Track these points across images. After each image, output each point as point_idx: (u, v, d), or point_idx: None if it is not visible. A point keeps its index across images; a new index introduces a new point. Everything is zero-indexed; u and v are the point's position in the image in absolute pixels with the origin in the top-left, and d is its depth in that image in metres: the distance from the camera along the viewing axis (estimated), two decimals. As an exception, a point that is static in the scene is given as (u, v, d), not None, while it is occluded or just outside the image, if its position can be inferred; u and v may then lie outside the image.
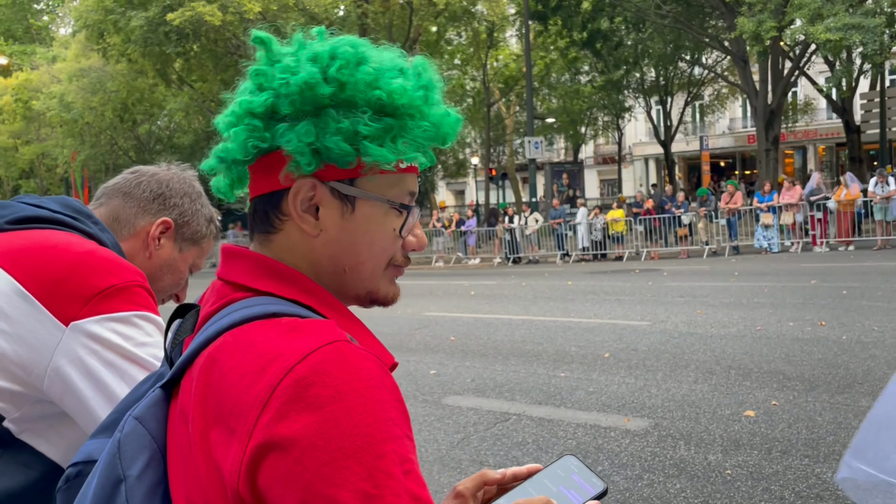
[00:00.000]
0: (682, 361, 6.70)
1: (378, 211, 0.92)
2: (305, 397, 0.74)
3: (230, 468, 0.76)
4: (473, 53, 32.87)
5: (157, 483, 0.84)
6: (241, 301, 0.88)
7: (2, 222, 1.27)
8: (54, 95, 32.75)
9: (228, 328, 0.83)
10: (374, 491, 0.72)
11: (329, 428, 0.73)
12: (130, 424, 0.87)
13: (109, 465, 0.85)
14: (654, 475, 4.21)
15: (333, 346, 0.78)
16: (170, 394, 0.89)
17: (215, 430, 0.78)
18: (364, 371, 0.78)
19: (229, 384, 0.78)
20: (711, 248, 17.94)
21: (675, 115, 34.31)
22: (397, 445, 0.76)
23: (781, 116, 25.44)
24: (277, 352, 0.78)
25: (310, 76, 0.87)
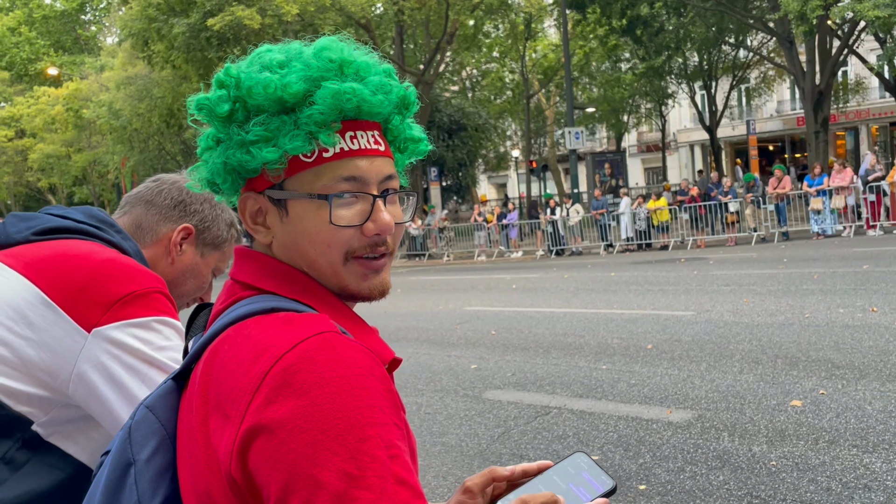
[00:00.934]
0: (727, 351, 6.58)
1: (308, 207, 0.92)
2: (293, 383, 0.78)
3: (224, 451, 0.80)
4: (511, 45, 32.66)
5: (166, 468, 0.89)
6: (246, 299, 0.93)
7: (28, 233, 1.33)
8: (103, 104, 33.67)
9: (231, 323, 0.89)
10: (357, 472, 0.74)
11: (314, 411, 0.76)
12: (141, 412, 0.93)
13: (120, 450, 0.91)
14: (696, 467, 4.16)
15: (322, 336, 0.82)
16: (181, 385, 0.94)
17: (214, 417, 0.83)
18: (351, 360, 0.81)
19: (227, 373, 0.83)
20: (760, 235, 17.55)
21: (721, 100, 33.61)
22: (383, 431, 0.78)
23: (831, 97, 24.70)
24: (270, 342, 0.82)
25: (199, 101, 0.94)
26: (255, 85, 0.91)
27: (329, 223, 0.92)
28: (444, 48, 27.18)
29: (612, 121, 37.08)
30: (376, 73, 0.97)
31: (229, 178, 0.95)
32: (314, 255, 0.94)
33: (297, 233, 0.93)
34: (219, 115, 0.93)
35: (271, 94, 0.90)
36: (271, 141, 0.91)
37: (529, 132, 34.41)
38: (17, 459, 1.18)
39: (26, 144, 40.54)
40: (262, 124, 0.91)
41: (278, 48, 0.97)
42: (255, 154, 0.91)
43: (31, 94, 40.84)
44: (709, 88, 32.99)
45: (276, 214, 0.95)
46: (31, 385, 1.20)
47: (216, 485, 0.82)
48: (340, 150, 0.93)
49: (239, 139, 0.92)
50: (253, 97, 0.91)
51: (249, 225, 0.97)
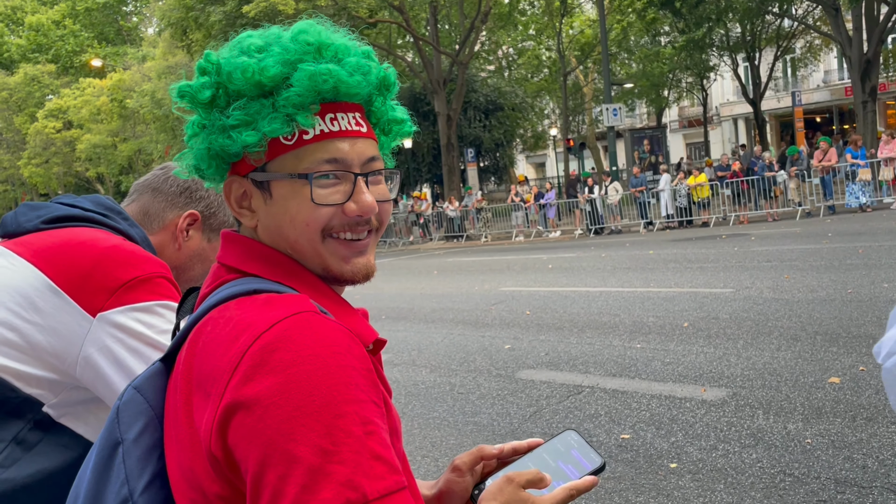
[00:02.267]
0: (766, 329, 6.47)
1: (290, 188, 0.94)
2: (270, 361, 0.80)
3: (205, 429, 0.82)
4: (547, 22, 32.26)
5: (153, 447, 0.91)
6: (231, 282, 0.95)
7: (38, 222, 1.38)
8: (146, 93, 34.30)
9: (215, 306, 0.91)
10: (332, 447, 0.76)
11: (290, 388, 0.78)
12: (129, 393, 0.96)
13: (109, 430, 0.94)
14: (729, 445, 4.12)
15: (300, 316, 0.84)
16: (169, 367, 0.96)
17: (196, 396, 0.85)
18: (328, 339, 0.82)
19: (208, 353, 0.85)
20: (805, 209, 17.13)
21: (764, 72, 32.71)
22: (359, 407, 0.79)
23: (879, 65, 23.87)
24: (249, 322, 0.84)
25: (180, 88, 0.96)
26: (234, 70, 0.92)
27: (311, 202, 0.93)
28: (479, 27, 26.96)
29: (652, 96, 36.41)
30: (354, 54, 0.97)
31: (213, 163, 0.96)
32: (295, 236, 0.94)
33: (280, 214, 0.94)
34: (200, 101, 0.94)
35: (250, 79, 0.91)
36: (251, 125, 0.92)
37: (567, 110, 34.01)
38: (30, 440, 1.23)
39: (74, 135, 41.57)
40: (242, 108, 0.92)
41: (258, 33, 0.98)
42: (236, 138, 0.92)
43: (77, 86, 41.82)
44: (752, 60, 32.11)
45: (260, 197, 0.96)
46: (40, 368, 1.25)
47: (199, 462, 0.84)
48: (321, 131, 0.93)
49: (220, 124, 0.93)
50: (233, 82, 0.92)
51: (235, 209, 0.99)
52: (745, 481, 3.67)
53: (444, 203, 25.29)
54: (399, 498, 0.78)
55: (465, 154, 29.24)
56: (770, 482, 3.62)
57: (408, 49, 32.95)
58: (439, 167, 28.73)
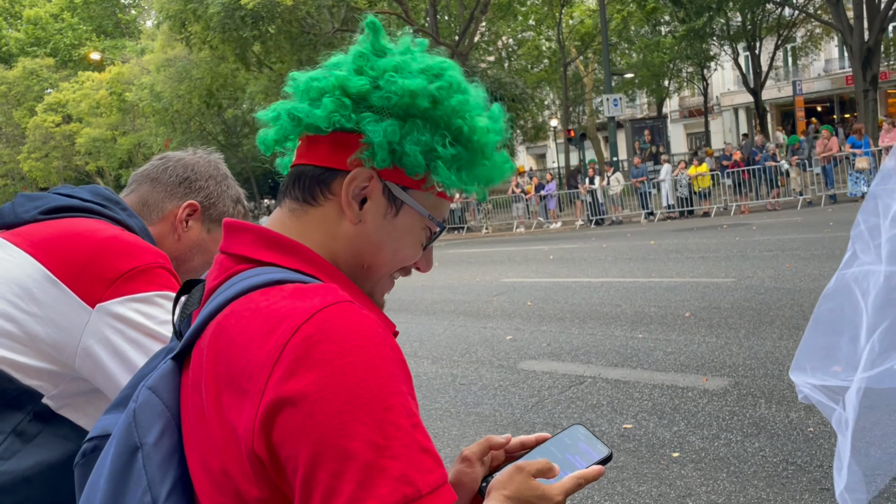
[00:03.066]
0: (767, 318, 6.47)
1: (417, 223, 0.97)
2: (313, 354, 0.77)
3: (244, 427, 0.78)
4: (547, 12, 32.12)
5: (173, 450, 0.87)
6: (245, 272, 0.90)
7: (35, 213, 1.36)
8: (145, 86, 34.23)
9: (234, 297, 0.86)
10: (383, 441, 0.74)
11: (337, 382, 0.75)
12: (144, 395, 0.90)
13: (126, 434, 0.88)
14: (731, 434, 4.12)
15: (338, 306, 0.81)
16: (181, 365, 0.92)
17: (227, 393, 0.81)
18: (368, 329, 0.80)
19: (239, 348, 0.81)
20: (806, 199, 17.11)
21: (765, 61, 32.58)
22: (402, 400, 0.78)
23: (880, 54, 23.78)
24: (284, 314, 0.80)
25: (418, 87, 0.92)
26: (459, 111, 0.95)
27: (419, 244, 0.99)
28: (479, 18, 26.85)
29: (653, 86, 36.28)
30: None
31: (389, 159, 0.92)
32: (384, 259, 0.97)
33: (393, 238, 0.96)
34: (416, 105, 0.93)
35: (474, 138, 0.95)
36: (448, 164, 0.94)
37: (567, 101, 33.92)
38: (29, 431, 1.22)
39: (73, 129, 41.52)
40: (451, 148, 0.94)
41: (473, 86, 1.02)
42: (441, 171, 0.93)
43: (76, 80, 41.75)
44: (753, 49, 31.98)
45: (384, 208, 0.94)
46: (39, 359, 1.24)
47: (234, 463, 0.80)
48: (451, 195, 1.00)
49: (425, 139, 0.92)
50: (446, 110, 0.94)
51: (348, 198, 0.93)
52: (748, 470, 3.67)
53: (445, 195, 25.19)
54: (445, 490, 0.77)
55: (466, 145, 29.12)
56: (773, 471, 3.62)
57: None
58: (439, 159, 28.59)
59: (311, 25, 24.91)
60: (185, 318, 0.98)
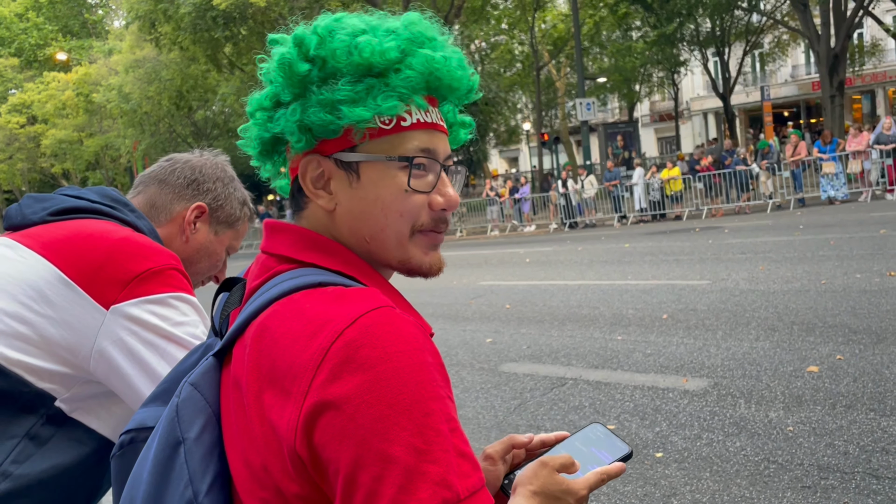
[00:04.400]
0: (743, 319, 6.57)
1: (383, 172, 0.92)
2: (356, 358, 0.78)
3: (286, 427, 0.79)
4: (520, 16, 32.33)
5: (214, 445, 0.89)
6: (287, 272, 0.91)
7: (44, 214, 1.35)
8: (113, 87, 33.74)
9: (277, 298, 0.87)
10: (424, 446, 0.75)
11: (380, 387, 0.76)
12: (187, 391, 0.92)
13: (169, 429, 0.90)
14: (713, 434, 4.18)
15: (380, 311, 0.81)
16: (222, 362, 0.93)
17: (269, 393, 0.82)
18: (409, 334, 0.81)
19: (282, 349, 0.82)
20: (776, 202, 17.41)
21: (734, 66, 33.13)
22: (442, 405, 0.79)
23: (846, 60, 24.30)
24: (327, 317, 0.81)
25: (281, 57, 0.92)
26: (345, 47, 0.90)
27: (404, 189, 0.92)
28: (452, 21, 26.90)
29: (624, 90, 36.70)
30: (456, 52, 0.99)
31: (303, 139, 0.93)
32: (383, 224, 0.93)
33: (369, 199, 0.93)
34: (297, 72, 0.91)
35: (366, 57, 0.90)
36: (358, 102, 0.90)
37: (540, 104, 34.14)
38: (42, 435, 1.21)
39: (38, 130, 40.76)
40: (350, 85, 0.90)
41: (358, 17, 0.96)
42: (347, 113, 0.89)
43: (41, 80, 40.98)
44: (722, 55, 32.50)
45: (345, 179, 0.93)
46: (53, 362, 1.22)
47: (274, 460, 0.81)
48: (418, 120, 0.93)
49: (323, 98, 0.90)
50: (337, 58, 0.90)
51: (310, 189, 0.95)
52: (731, 469, 3.73)
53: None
54: (483, 494, 0.78)
55: (439, 148, 29.18)
56: (755, 469, 3.68)
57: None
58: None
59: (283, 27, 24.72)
60: (226, 317, 0.99)
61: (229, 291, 1.01)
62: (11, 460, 1.17)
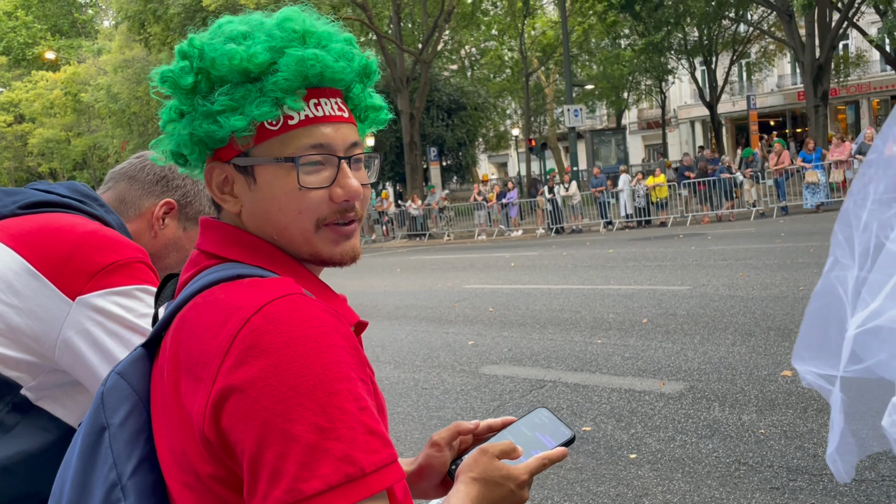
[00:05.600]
0: (721, 324, 6.65)
1: (275, 173, 0.94)
2: (261, 343, 0.81)
3: (197, 412, 0.83)
4: (510, 23, 32.46)
5: (139, 431, 0.92)
6: (212, 267, 0.96)
7: (14, 207, 1.38)
8: (101, 87, 33.59)
9: (198, 291, 0.92)
10: (327, 424, 0.78)
11: (283, 370, 0.79)
12: (113, 379, 0.96)
13: (94, 415, 0.94)
14: (686, 436, 4.24)
15: (287, 298, 0.85)
16: (152, 353, 0.97)
17: (184, 380, 0.86)
18: (316, 319, 0.84)
19: (196, 338, 0.86)
20: (759, 210, 17.56)
21: (721, 75, 33.42)
22: (350, 385, 0.82)
23: (831, 71, 24.56)
24: (236, 305, 0.85)
25: (163, 73, 0.96)
26: (219, 56, 0.92)
27: (297, 188, 0.93)
28: (442, 26, 26.99)
29: (612, 98, 36.89)
30: (338, 41, 0.98)
31: (196, 149, 0.96)
32: (285, 222, 0.95)
33: (267, 200, 0.95)
34: (182, 86, 0.94)
35: (237, 65, 0.91)
36: (237, 109, 0.92)
37: (529, 110, 34.27)
38: (7, 422, 1.24)
39: (25, 129, 40.49)
40: (228, 94, 0.92)
41: (239, 19, 0.98)
42: (224, 123, 0.92)
43: (29, 79, 40.73)
44: (709, 64, 32.78)
45: (244, 183, 0.96)
46: (19, 351, 1.25)
47: (191, 444, 0.85)
48: (306, 116, 0.94)
49: (205, 110, 0.93)
50: (217, 68, 0.92)
51: (217, 195, 0.99)
52: (702, 470, 3.78)
53: (407, 202, 25.28)
54: (392, 470, 0.81)
55: (428, 153, 29.27)
56: (726, 471, 3.74)
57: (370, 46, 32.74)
58: (402, 166, 28.71)
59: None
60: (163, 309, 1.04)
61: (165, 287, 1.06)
62: (-24, 446, 1.20)
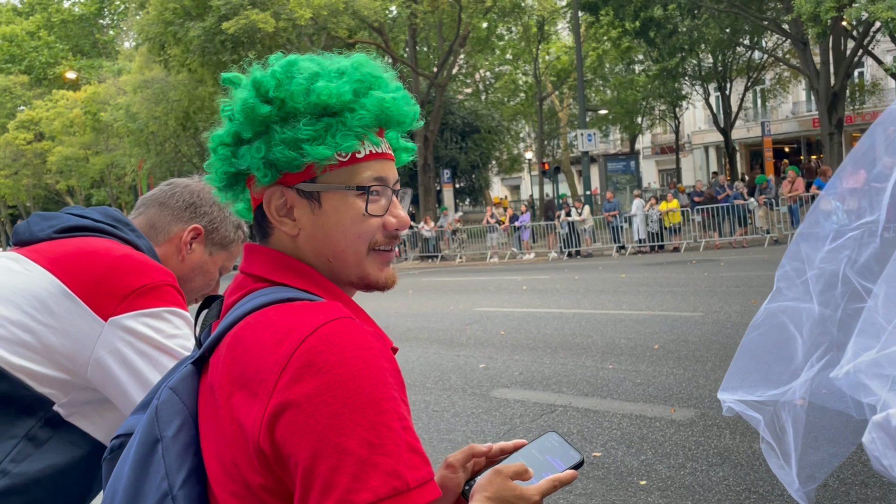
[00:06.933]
0: (733, 351, 6.53)
1: (343, 200, 1.03)
2: (317, 362, 0.88)
3: (252, 425, 0.89)
4: (524, 48, 32.73)
5: (189, 443, 0.98)
6: (261, 290, 1.02)
7: (50, 231, 1.45)
8: (121, 107, 34.05)
9: (250, 312, 0.98)
10: (377, 441, 0.85)
11: (337, 387, 0.86)
12: (166, 394, 1.02)
13: (148, 428, 1.00)
14: (696, 464, 4.24)
15: (340, 322, 0.92)
16: (200, 369, 1.03)
17: (239, 394, 0.92)
18: (365, 342, 0.91)
19: (252, 355, 0.93)
20: (773, 237, 17.52)
21: (735, 102, 33.47)
22: (395, 405, 0.89)
23: (846, 98, 24.58)
24: (292, 326, 0.92)
25: (244, 100, 1.03)
26: (302, 89, 1.00)
27: (362, 214, 1.02)
28: (457, 51, 27.29)
29: (626, 122, 37.03)
30: (399, 88, 1.09)
31: (269, 173, 1.03)
32: (344, 245, 1.03)
33: (331, 224, 1.03)
34: (259, 114, 1.01)
35: (324, 100, 1.00)
36: (318, 140, 1.00)
37: (542, 134, 34.45)
38: (40, 437, 1.30)
39: (45, 147, 41.05)
40: (311, 125, 1.00)
41: (309, 59, 1.06)
42: (309, 151, 0.99)
43: (50, 98, 41.38)
44: (723, 90, 32.87)
45: (307, 207, 1.03)
46: (53, 369, 1.32)
47: (242, 456, 0.91)
48: (370, 152, 1.04)
49: (286, 137, 1.00)
50: (295, 100, 1.00)
51: (275, 217, 1.04)
52: (712, 498, 3.78)
53: (420, 223, 25.40)
54: (431, 486, 0.88)
55: (441, 175, 29.45)
56: (736, 499, 3.74)
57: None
58: (415, 187, 28.88)
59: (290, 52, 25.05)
60: (205, 329, 1.10)
61: (210, 307, 1.12)
62: (10, 459, 1.26)
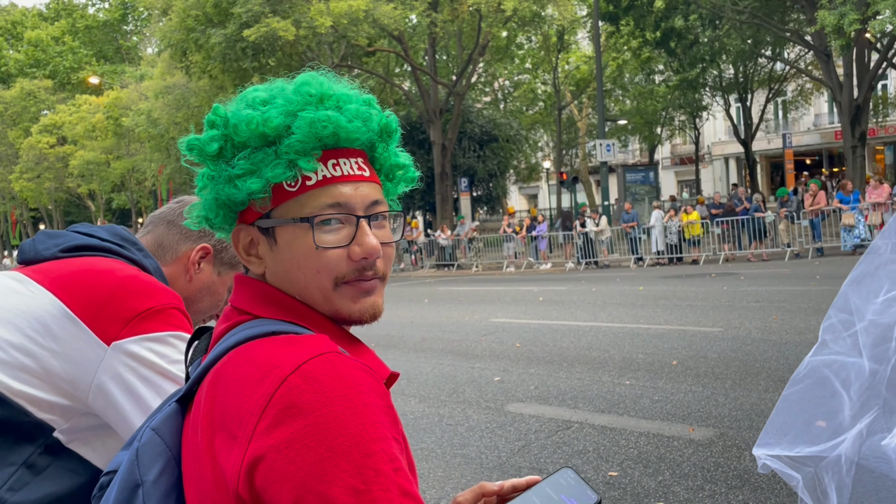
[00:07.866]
0: (753, 369, 6.52)
1: (294, 234, 0.96)
2: (298, 404, 0.81)
3: (231, 471, 0.83)
4: (544, 57, 32.72)
5: (171, 488, 0.93)
6: (246, 323, 0.97)
7: (56, 250, 1.41)
8: (142, 112, 34.44)
9: (233, 346, 0.92)
10: (363, 486, 0.78)
11: (320, 430, 0.80)
12: (147, 435, 0.97)
13: (128, 472, 0.94)
14: (716, 486, 4.14)
15: (324, 357, 0.86)
16: (185, 407, 0.98)
17: (219, 436, 0.86)
18: (352, 378, 0.85)
19: (232, 394, 0.87)
20: (794, 251, 17.31)
21: (756, 113, 33.23)
22: (385, 445, 0.82)
23: (869, 111, 24.29)
24: (274, 363, 0.86)
25: (189, 142, 1.00)
26: (239, 122, 0.96)
27: (314, 248, 0.94)
28: (477, 60, 27.30)
29: (645, 133, 36.86)
30: (355, 101, 1.00)
31: (221, 213, 0.99)
32: (304, 282, 0.96)
33: (287, 260, 0.97)
34: (208, 153, 0.98)
35: (254, 130, 0.95)
36: (255, 172, 0.95)
37: (561, 144, 34.35)
38: (39, 464, 1.25)
39: (67, 151, 41.58)
40: (247, 158, 0.95)
41: (263, 87, 1.01)
42: (241, 186, 0.95)
43: (73, 102, 41.95)
44: (744, 101, 32.64)
45: (266, 244, 0.98)
46: (54, 394, 1.27)
47: (223, 501, 0.85)
48: (323, 177, 0.96)
49: (226, 174, 0.97)
50: (238, 134, 0.96)
51: (243, 256, 1.02)
52: (732, 523, 3.69)
53: (437, 231, 25.37)
54: None
55: (459, 183, 29.43)
56: (756, 524, 3.64)
57: (405, 78, 33.29)
58: (432, 195, 28.89)
59: (310, 59, 25.22)
60: (194, 364, 1.04)
61: (199, 340, 1.07)
62: (8, 487, 1.21)
